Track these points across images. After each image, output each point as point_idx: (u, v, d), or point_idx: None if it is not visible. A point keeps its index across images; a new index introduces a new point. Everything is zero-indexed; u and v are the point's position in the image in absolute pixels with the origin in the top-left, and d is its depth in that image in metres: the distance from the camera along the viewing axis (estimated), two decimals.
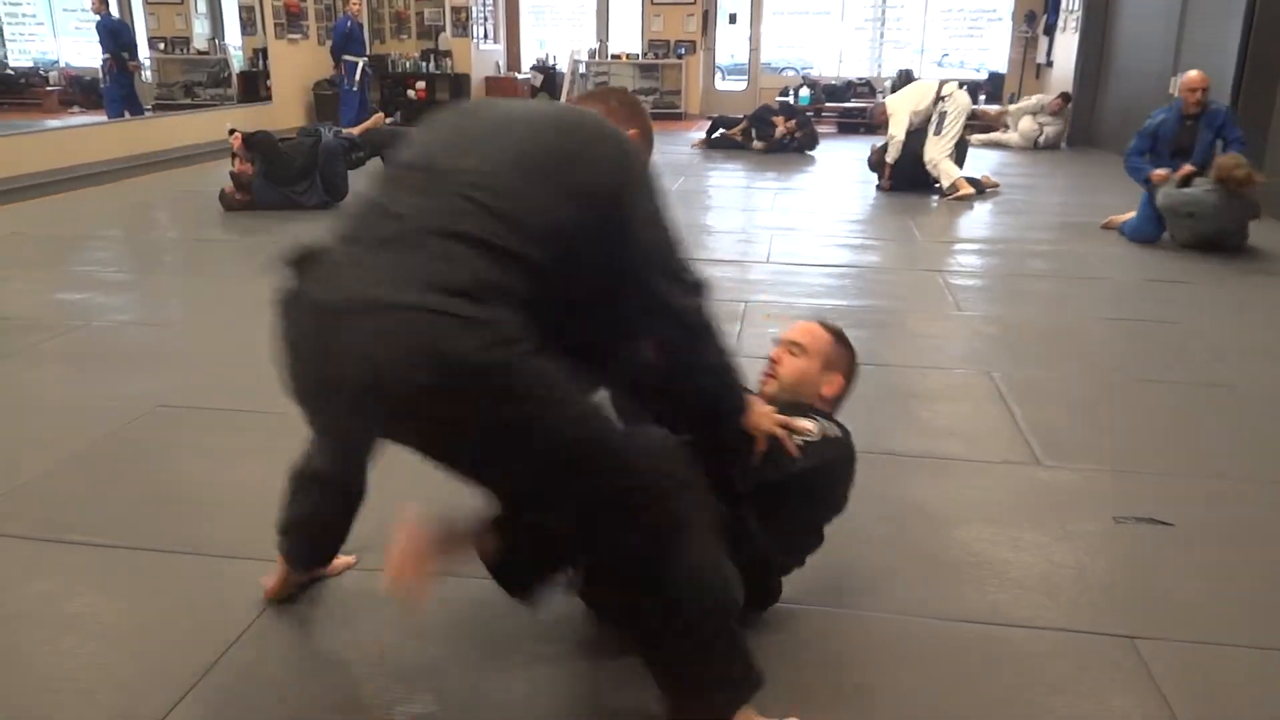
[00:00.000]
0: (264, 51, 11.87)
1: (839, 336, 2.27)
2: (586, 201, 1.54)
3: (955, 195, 7.88)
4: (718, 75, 16.06)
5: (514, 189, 1.49)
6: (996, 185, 8.14)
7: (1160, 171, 6.09)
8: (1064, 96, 11.60)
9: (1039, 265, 5.86)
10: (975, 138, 11.84)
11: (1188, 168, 5.99)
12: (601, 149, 1.60)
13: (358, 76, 10.89)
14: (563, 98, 14.69)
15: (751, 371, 2.13)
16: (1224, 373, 3.88)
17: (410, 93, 13.60)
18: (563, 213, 1.51)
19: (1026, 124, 11.74)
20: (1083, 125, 11.72)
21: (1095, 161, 10.50)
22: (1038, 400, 3.55)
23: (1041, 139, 11.57)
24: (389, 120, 13.26)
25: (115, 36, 10.88)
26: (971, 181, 8.03)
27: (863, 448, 2.19)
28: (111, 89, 10.93)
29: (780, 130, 10.80)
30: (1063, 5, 12.76)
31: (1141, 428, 3.35)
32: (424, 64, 13.72)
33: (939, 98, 8.01)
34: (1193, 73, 6.35)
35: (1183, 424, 3.39)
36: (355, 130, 7.60)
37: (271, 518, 2.11)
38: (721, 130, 11.25)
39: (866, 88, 14.80)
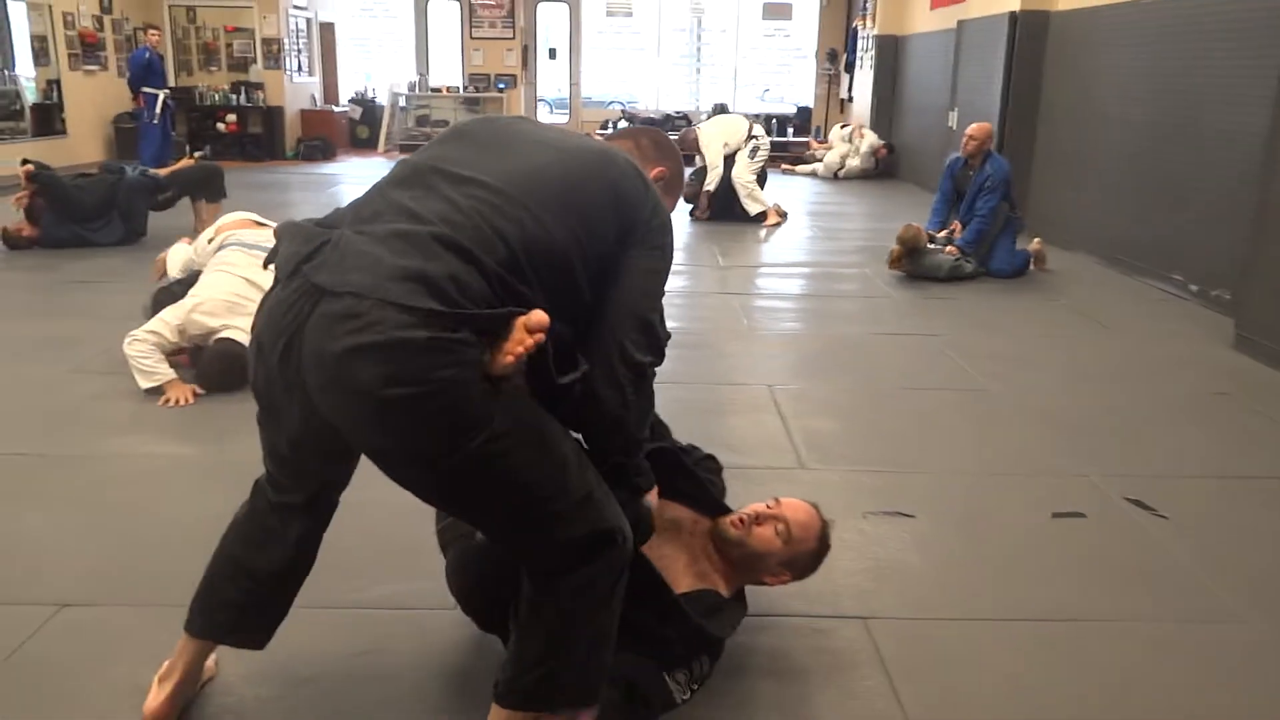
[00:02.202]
0: (58, 83, 11.28)
1: (822, 549, 2.18)
2: (596, 234, 1.63)
3: (768, 223, 8.32)
4: (545, 108, 16.26)
5: (528, 210, 1.58)
6: (785, 215, 8.65)
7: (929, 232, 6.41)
8: (889, 146, 12.21)
9: (827, 286, 6.24)
10: (785, 166, 12.54)
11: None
12: (624, 186, 1.69)
13: (158, 109, 10.47)
14: (383, 131, 14.57)
15: None
16: (976, 379, 4.24)
17: (220, 125, 13.19)
18: (569, 240, 1.60)
19: (832, 156, 12.41)
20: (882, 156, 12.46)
21: (892, 190, 11.20)
22: (810, 410, 3.81)
23: (842, 171, 12.24)
24: (199, 155, 12.83)
25: None
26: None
27: None
28: None
29: None
30: (859, 44, 13.59)
31: (898, 430, 3.64)
32: (234, 96, 13.34)
33: (750, 136, 8.47)
34: (975, 124, 6.48)
35: (935, 425, 3.70)
36: (163, 171, 7.35)
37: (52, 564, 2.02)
38: None
39: (684, 120, 15.29)
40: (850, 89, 14.21)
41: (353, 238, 1.53)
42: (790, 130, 14.85)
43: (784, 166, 12.66)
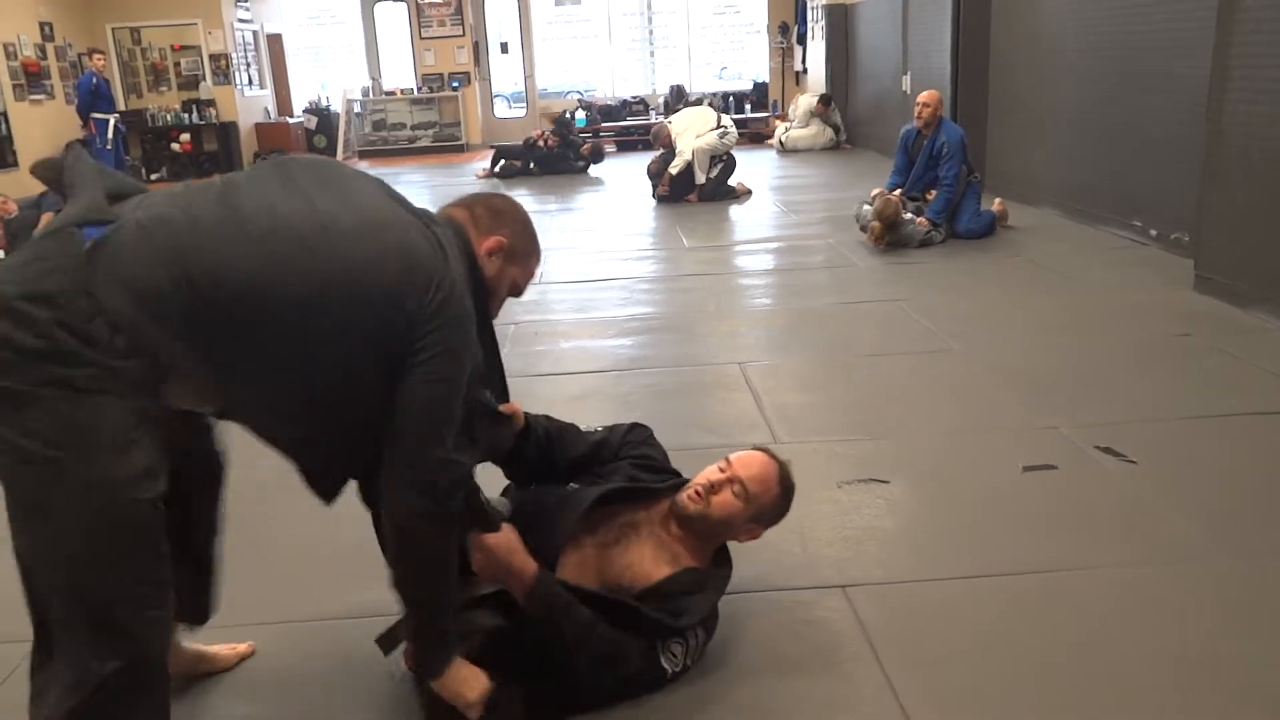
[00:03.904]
0: (5, 115, 11.13)
1: (786, 493, 2.16)
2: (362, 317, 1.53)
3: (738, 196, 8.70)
4: (503, 104, 16.19)
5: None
6: (749, 191, 8.80)
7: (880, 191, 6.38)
8: (823, 100, 12.30)
9: (793, 260, 6.25)
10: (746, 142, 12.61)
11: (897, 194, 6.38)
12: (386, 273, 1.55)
13: (110, 134, 10.37)
14: (339, 139, 14.47)
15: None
16: (944, 340, 4.27)
17: (175, 145, 13.06)
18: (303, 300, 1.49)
19: (795, 132, 12.55)
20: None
21: (852, 159, 11.23)
22: (781, 385, 3.83)
23: (786, 138, 12.38)
24: (154, 176, 12.71)
25: None
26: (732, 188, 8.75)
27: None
28: None
29: (535, 138, 11.20)
30: (809, 15, 13.59)
31: (869, 398, 3.67)
32: (186, 115, 13.21)
33: (719, 126, 8.66)
34: (926, 92, 6.54)
35: (904, 390, 3.73)
36: None
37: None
38: (504, 161, 11.34)
39: (641, 105, 15.28)
40: (804, 61, 14.22)
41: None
42: (748, 107, 14.86)
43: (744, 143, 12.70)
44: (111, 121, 10.42)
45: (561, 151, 11.09)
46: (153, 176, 12.86)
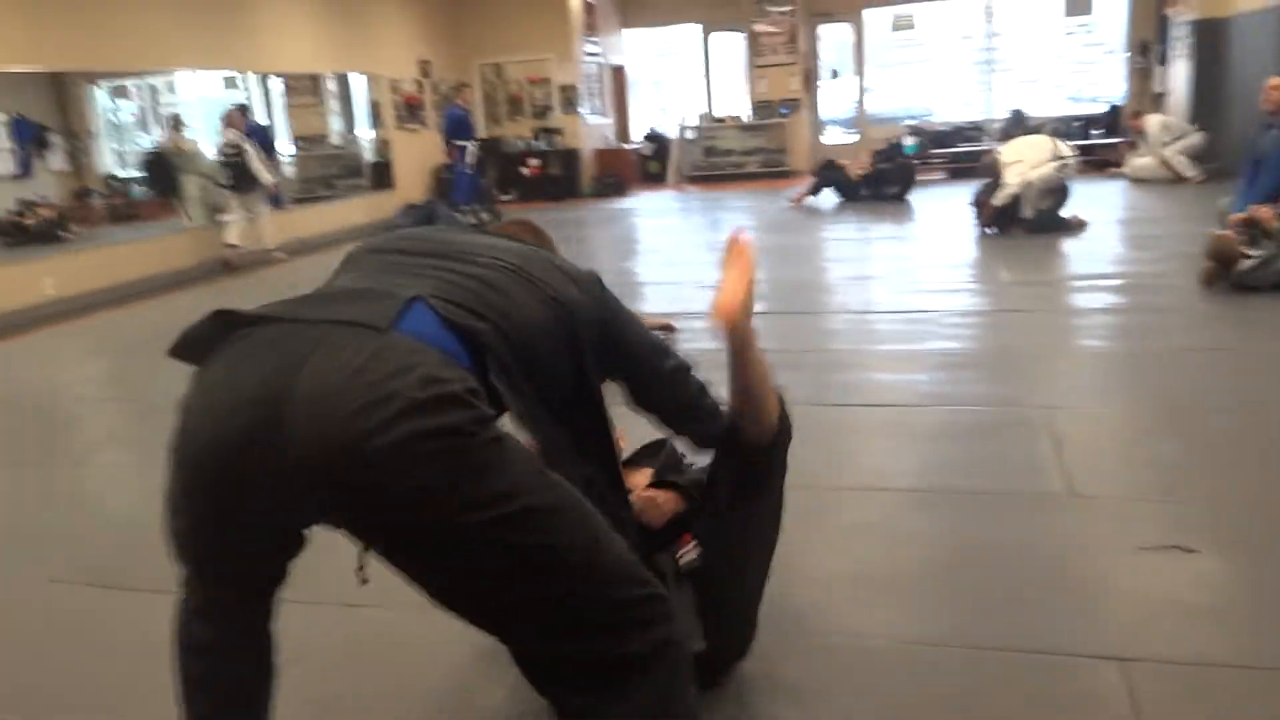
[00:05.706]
0: (388, 142, 12.69)
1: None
2: (566, 312, 1.66)
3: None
4: (833, 129, 16.16)
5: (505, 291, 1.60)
6: (1085, 224, 8.15)
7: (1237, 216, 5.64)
8: (1135, 115, 11.41)
9: (1123, 300, 5.73)
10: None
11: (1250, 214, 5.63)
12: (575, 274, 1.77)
13: (469, 159, 11.62)
14: (671, 165, 15.11)
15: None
16: (1274, 395, 3.75)
17: (524, 170, 14.26)
18: (541, 319, 1.62)
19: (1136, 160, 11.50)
20: (1206, 152, 11.26)
21: (1217, 191, 10.07)
22: (1086, 433, 3.53)
23: (1129, 170, 11.37)
24: (505, 197, 13.96)
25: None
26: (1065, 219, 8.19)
27: (925, 486, 2.89)
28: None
29: (851, 167, 11.14)
30: (1172, 33, 12.38)
31: (1188, 456, 3.29)
32: (537, 142, 14.38)
33: (1057, 157, 8.10)
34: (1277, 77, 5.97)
35: (1231, 451, 3.30)
36: None
37: None
38: (826, 187, 11.27)
39: (976, 131, 14.64)
40: (1165, 82, 12.97)
41: None
42: (1100, 132, 13.75)
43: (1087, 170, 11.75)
44: (469, 147, 11.64)
45: (879, 174, 11.01)
46: (504, 197, 14.13)
